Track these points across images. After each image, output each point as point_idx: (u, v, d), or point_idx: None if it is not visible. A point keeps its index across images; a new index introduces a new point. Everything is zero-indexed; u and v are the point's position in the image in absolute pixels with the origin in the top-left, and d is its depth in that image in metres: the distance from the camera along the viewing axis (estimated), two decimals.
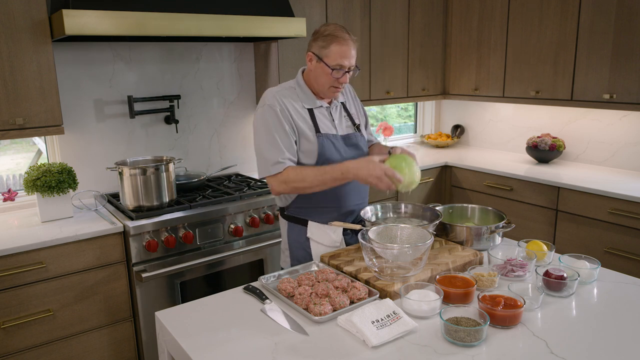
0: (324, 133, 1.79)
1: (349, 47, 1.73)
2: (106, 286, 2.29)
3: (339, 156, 1.79)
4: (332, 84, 1.77)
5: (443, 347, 1.20)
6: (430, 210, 1.84)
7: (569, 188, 2.88)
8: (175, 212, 2.40)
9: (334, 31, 1.73)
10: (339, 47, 1.71)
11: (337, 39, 1.71)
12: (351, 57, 1.74)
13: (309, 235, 1.85)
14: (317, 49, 1.75)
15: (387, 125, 3.99)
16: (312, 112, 1.80)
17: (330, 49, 1.71)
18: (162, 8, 2.28)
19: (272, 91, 1.80)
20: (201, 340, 1.26)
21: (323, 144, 1.77)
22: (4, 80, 2.16)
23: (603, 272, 1.61)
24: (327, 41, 1.72)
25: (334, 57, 1.72)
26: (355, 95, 2.03)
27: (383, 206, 1.89)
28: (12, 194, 2.47)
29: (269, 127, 1.73)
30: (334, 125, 1.84)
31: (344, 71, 1.74)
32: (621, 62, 2.82)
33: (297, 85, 1.83)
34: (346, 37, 1.72)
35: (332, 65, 1.72)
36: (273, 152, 1.72)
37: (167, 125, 2.96)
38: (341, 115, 1.90)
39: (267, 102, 1.76)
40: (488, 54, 3.54)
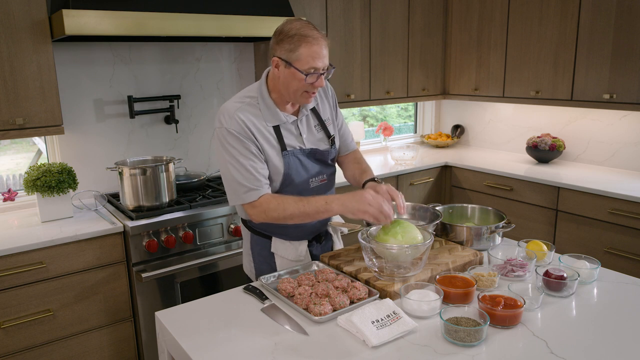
0: (290, 150, 1.63)
1: (320, 46, 1.50)
2: (106, 286, 2.29)
3: (305, 174, 1.67)
4: (306, 89, 1.54)
5: (443, 347, 1.20)
6: (429, 210, 1.83)
7: (569, 188, 2.88)
8: (175, 212, 2.40)
9: (301, 29, 1.49)
10: (310, 48, 1.48)
11: (305, 39, 1.48)
12: (324, 57, 1.52)
13: (274, 251, 1.74)
14: (284, 53, 1.51)
15: (387, 125, 4.00)
16: (277, 128, 1.61)
17: (300, 51, 1.48)
18: (162, 8, 2.28)
19: (229, 109, 1.58)
20: (201, 340, 1.26)
21: (289, 163, 1.62)
22: (4, 80, 2.16)
23: (603, 272, 1.61)
24: (294, 43, 1.49)
25: (306, 60, 1.49)
26: (328, 92, 1.79)
27: None
28: (12, 194, 2.47)
29: (233, 153, 1.55)
30: (301, 141, 1.67)
31: (319, 74, 1.52)
32: (621, 62, 2.82)
33: (260, 97, 1.61)
34: (316, 35, 1.49)
35: (305, 69, 1.50)
36: (245, 179, 1.54)
37: (167, 125, 2.96)
38: (310, 127, 1.71)
39: (224, 123, 1.56)
40: (488, 54, 3.54)
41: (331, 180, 1.80)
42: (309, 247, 1.78)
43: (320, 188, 1.74)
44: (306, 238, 1.77)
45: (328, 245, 1.89)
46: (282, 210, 1.53)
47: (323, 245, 1.85)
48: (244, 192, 1.56)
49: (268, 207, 1.54)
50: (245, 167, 1.54)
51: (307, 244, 1.77)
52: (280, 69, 1.54)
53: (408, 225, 1.52)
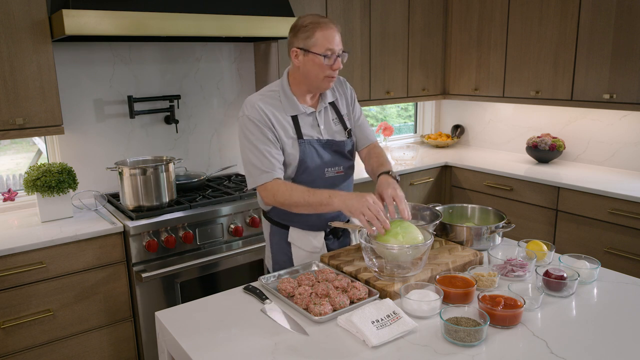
0: (307, 139, 1.73)
1: (333, 30, 1.64)
2: (106, 286, 2.29)
3: (320, 161, 1.75)
4: (326, 73, 1.67)
5: (443, 347, 1.20)
6: (429, 210, 1.83)
7: (569, 188, 2.88)
8: (175, 212, 2.40)
9: (314, 19, 1.65)
10: (324, 32, 1.63)
11: (319, 25, 1.63)
12: (339, 41, 1.66)
13: (290, 240, 1.82)
14: (301, 42, 1.65)
15: (387, 125, 4.00)
16: (295, 118, 1.73)
17: (316, 36, 1.62)
18: (162, 8, 2.28)
19: (252, 99, 1.72)
20: (201, 340, 1.26)
21: (305, 150, 1.72)
22: (4, 80, 2.16)
23: (603, 272, 1.61)
24: (309, 30, 1.63)
25: (322, 43, 1.62)
26: (346, 87, 1.91)
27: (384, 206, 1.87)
28: (12, 194, 2.47)
29: (251, 139, 1.68)
30: (319, 131, 1.77)
31: (336, 56, 1.66)
32: (621, 62, 2.82)
33: (281, 90, 1.74)
34: (327, 22, 1.65)
35: (322, 52, 1.63)
36: (260, 162, 1.67)
37: (167, 125, 2.96)
38: (329, 119, 1.81)
39: (245, 112, 1.70)
40: (488, 53, 3.54)
41: (348, 174, 1.85)
42: (326, 241, 1.84)
43: (337, 179, 1.80)
44: (322, 229, 1.83)
45: (346, 242, 1.94)
46: (288, 196, 1.62)
47: (341, 240, 1.91)
48: (258, 175, 1.67)
49: (277, 190, 1.64)
50: (261, 152, 1.66)
51: (324, 237, 1.83)
52: (300, 58, 1.67)
53: (408, 225, 1.52)
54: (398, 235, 1.48)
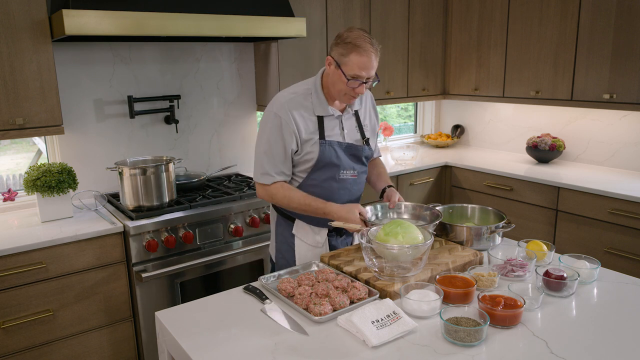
0: (329, 140, 1.78)
1: (369, 58, 1.65)
2: (106, 286, 2.29)
3: (337, 161, 1.79)
4: (348, 92, 1.72)
5: (443, 347, 1.20)
6: (429, 210, 1.84)
7: (569, 188, 2.88)
8: (175, 212, 2.40)
9: (356, 39, 1.64)
10: (359, 57, 1.64)
11: (357, 49, 1.64)
12: (371, 69, 1.67)
13: (294, 232, 1.88)
14: (336, 55, 1.69)
15: (387, 125, 4.00)
16: (321, 119, 1.77)
17: (350, 57, 1.65)
18: (162, 8, 2.28)
19: (283, 97, 1.77)
20: (201, 340, 1.26)
21: (324, 150, 1.76)
22: (4, 80, 2.16)
23: (603, 272, 1.61)
24: (347, 49, 1.65)
25: (352, 67, 1.65)
26: (372, 104, 1.98)
27: (383, 206, 1.89)
28: (12, 194, 2.47)
29: (269, 135, 1.74)
30: (342, 135, 1.82)
31: (361, 82, 1.68)
32: (621, 62, 2.82)
33: (313, 89, 1.79)
34: (367, 48, 1.64)
35: (349, 75, 1.66)
36: (266, 161, 1.75)
37: (167, 125, 2.96)
38: (352, 126, 1.86)
39: (274, 109, 1.74)
40: (488, 54, 3.54)
41: (361, 179, 1.91)
42: (329, 237, 1.89)
43: (349, 182, 1.85)
44: (327, 226, 1.87)
45: (349, 241, 1.98)
46: (287, 203, 1.75)
47: (344, 239, 1.95)
48: (261, 173, 1.76)
49: (276, 194, 1.76)
50: (273, 152, 1.74)
51: (327, 233, 1.87)
52: (332, 67, 1.72)
53: (408, 225, 1.52)
54: (398, 235, 1.48)
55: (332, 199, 1.81)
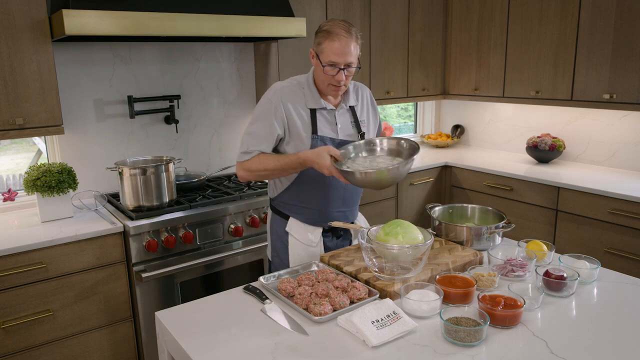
0: (321, 135, 1.77)
1: (342, 43, 1.65)
2: (106, 286, 2.29)
3: None
4: (329, 81, 1.72)
5: (443, 347, 1.20)
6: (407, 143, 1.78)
7: (569, 188, 2.88)
8: (175, 212, 2.40)
9: (331, 27, 1.67)
10: (331, 43, 1.65)
11: (330, 35, 1.65)
12: (347, 55, 1.66)
13: (288, 230, 1.87)
14: (315, 46, 1.72)
15: (387, 125, 3.99)
16: (314, 112, 1.77)
17: (324, 45, 1.67)
18: (162, 8, 2.28)
19: (278, 86, 1.79)
20: (201, 340, 1.26)
21: (315, 145, 1.74)
22: (4, 80, 2.16)
23: (603, 272, 1.61)
24: (321, 37, 1.68)
25: (327, 54, 1.66)
26: (372, 103, 1.96)
27: (355, 146, 1.80)
28: (12, 194, 2.47)
29: (256, 118, 1.76)
30: (335, 130, 1.80)
31: (339, 69, 1.68)
32: (621, 62, 2.82)
33: (305, 83, 1.80)
34: (341, 33, 1.65)
35: (325, 62, 1.67)
36: (249, 141, 1.75)
37: (167, 125, 2.96)
38: (347, 121, 1.84)
39: (268, 94, 1.77)
40: (488, 54, 3.54)
41: None
42: (324, 238, 1.87)
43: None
44: (320, 225, 1.86)
45: (346, 243, 1.95)
46: (263, 169, 1.73)
47: (340, 241, 1.92)
48: (241, 152, 1.76)
49: (252, 164, 1.74)
50: (257, 133, 1.74)
51: (322, 232, 1.86)
52: (314, 59, 1.73)
53: (408, 225, 1.52)
54: (398, 235, 1.48)
55: (325, 199, 1.81)
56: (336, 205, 1.86)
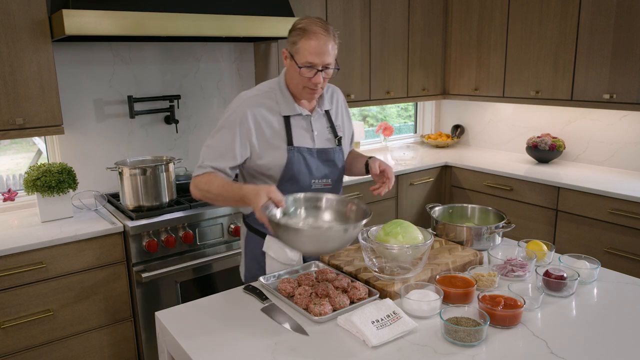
0: (297, 146, 1.63)
1: (319, 42, 1.51)
2: (106, 286, 2.29)
3: (307, 172, 1.65)
4: (305, 84, 1.57)
5: (443, 347, 1.20)
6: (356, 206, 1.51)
7: (569, 188, 2.88)
8: (175, 212, 2.40)
9: (307, 25, 1.52)
10: (308, 42, 1.51)
11: (306, 34, 1.51)
12: (324, 54, 1.52)
13: (265, 250, 1.71)
14: (288, 45, 1.57)
15: (387, 125, 4.00)
16: (288, 120, 1.63)
17: (299, 45, 1.52)
18: (162, 8, 2.28)
19: (244, 95, 1.64)
20: (201, 340, 1.26)
21: (292, 158, 1.61)
22: (4, 80, 2.16)
23: (603, 272, 1.61)
24: (296, 36, 1.53)
25: (303, 53, 1.52)
26: (346, 108, 1.83)
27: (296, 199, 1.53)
28: (12, 194, 2.47)
29: (218, 128, 1.61)
30: (312, 137, 1.67)
31: (316, 70, 1.54)
32: (621, 62, 2.82)
33: (278, 87, 1.65)
34: (318, 31, 1.51)
35: (301, 63, 1.53)
36: (204, 154, 1.62)
37: (167, 125, 2.96)
38: (324, 126, 1.72)
39: (233, 106, 1.62)
40: (488, 53, 3.54)
41: (337, 187, 1.76)
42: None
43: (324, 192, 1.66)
44: None
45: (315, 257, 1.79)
46: (207, 190, 1.56)
47: None
48: (198, 166, 1.62)
49: (199, 181, 1.59)
50: (217, 146, 1.60)
51: None
52: (287, 60, 1.59)
53: (408, 225, 1.52)
54: (398, 235, 1.48)
55: None
56: None
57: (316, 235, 1.31)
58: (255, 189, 1.41)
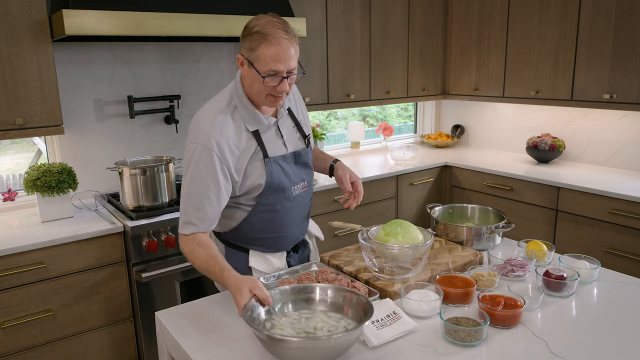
0: (273, 157, 1.52)
1: (282, 47, 1.36)
2: (106, 286, 2.29)
3: (287, 180, 1.56)
4: (269, 92, 1.42)
5: (443, 347, 1.20)
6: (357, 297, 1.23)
7: (569, 188, 2.88)
8: (175, 212, 2.40)
9: (264, 27, 1.36)
10: (269, 48, 1.35)
11: (266, 39, 1.35)
12: (289, 59, 1.38)
13: (252, 265, 1.61)
14: (246, 51, 1.40)
15: (387, 125, 4.00)
16: (257, 134, 1.50)
17: (260, 51, 1.36)
18: (162, 8, 2.28)
19: (207, 120, 1.44)
20: (201, 340, 1.26)
21: (271, 171, 1.51)
22: (4, 80, 2.16)
23: (603, 272, 1.61)
24: (255, 41, 1.37)
25: (265, 61, 1.36)
26: (299, 96, 1.72)
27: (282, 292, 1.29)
28: (12, 194, 2.47)
29: (199, 175, 1.42)
30: (283, 143, 1.57)
31: (281, 77, 1.39)
32: (621, 62, 2.82)
33: (237, 100, 1.48)
34: (279, 35, 1.36)
35: (264, 72, 1.37)
36: (192, 208, 1.44)
37: (167, 125, 2.96)
38: (290, 127, 1.62)
39: (200, 140, 1.42)
40: (488, 54, 3.54)
41: (311, 187, 1.71)
42: (287, 259, 1.69)
43: (302, 196, 1.65)
44: (285, 249, 1.67)
45: (305, 254, 1.79)
46: (191, 259, 1.44)
47: (300, 254, 1.75)
48: (184, 221, 1.46)
49: (184, 248, 1.46)
50: (199, 197, 1.43)
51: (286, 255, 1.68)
52: (245, 67, 1.43)
53: (408, 225, 1.52)
54: (398, 235, 1.48)
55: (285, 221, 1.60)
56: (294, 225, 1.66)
57: (312, 348, 1.07)
58: (236, 284, 1.25)
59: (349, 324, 1.20)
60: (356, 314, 1.22)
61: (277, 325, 1.20)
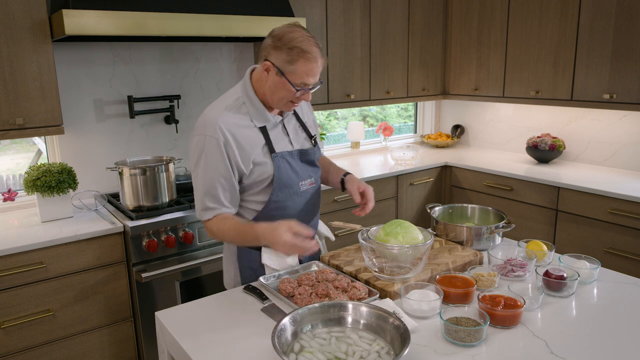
0: (280, 152, 1.58)
1: (317, 63, 1.47)
2: (106, 286, 2.29)
3: (294, 175, 1.61)
4: (291, 99, 1.52)
5: (443, 347, 1.20)
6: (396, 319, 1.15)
7: (569, 188, 2.88)
8: (175, 212, 2.40)
9: (302, 44, 1.44)
10: (308, 64, 1.45)
11: (305, 55, 1.44)
12: (318, 74, 1.50)
13: (265, 262, 1.64)
14: (279, 62, 1.46)
15: (387, 125, 4.00)
16: (264, 130, 1.57)
17: (297, 66, 1.45)
18: (162, 8, 2.28)
19: (213, 114, 1.52)
20: (201, 340, 1.26)
21: (279, 165, 1.57)
22: (4, 80, 2.16)
23: (603, 272, 1.61)
24: (293, 55, 1.44)
25: (300, 75, 1.46)
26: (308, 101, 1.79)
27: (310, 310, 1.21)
28: (12, 194, 2.47)
29: (208, 163, 1.50)
30: (289, 141, 1.63)
31: (308, 89, 1.51)
32: (621, 62, 2.82)
33: (246, 98, 1.56)
34: (315, 52, 1.46)
35: (297, 84, 1.47)
36: (207, 195, 1.52)
37: (167, 125, 2.96)
38: (296, 127, 1.68)
39: (207, 131, 1.49)
40: (488, 53, 3.54)
41: (318, 183, 1.75)
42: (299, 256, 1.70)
43: (310, 191, 1.69)
44: None
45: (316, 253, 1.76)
46: (221, 236, 1.55)
47: None
48: (201, 209, 1.55)
49: (212, 229, 1.55)
50: (214, 182, 1.51)
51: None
52: (271, 74, 1.49)
53: (408, 225, 1.52)
54: (398, 235, 1.48)
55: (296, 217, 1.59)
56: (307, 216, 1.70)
57: None
58: (270, 227, 1.38)
59: (382, 348, 1.13)
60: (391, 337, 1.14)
61: (306, 348, 1.12)
